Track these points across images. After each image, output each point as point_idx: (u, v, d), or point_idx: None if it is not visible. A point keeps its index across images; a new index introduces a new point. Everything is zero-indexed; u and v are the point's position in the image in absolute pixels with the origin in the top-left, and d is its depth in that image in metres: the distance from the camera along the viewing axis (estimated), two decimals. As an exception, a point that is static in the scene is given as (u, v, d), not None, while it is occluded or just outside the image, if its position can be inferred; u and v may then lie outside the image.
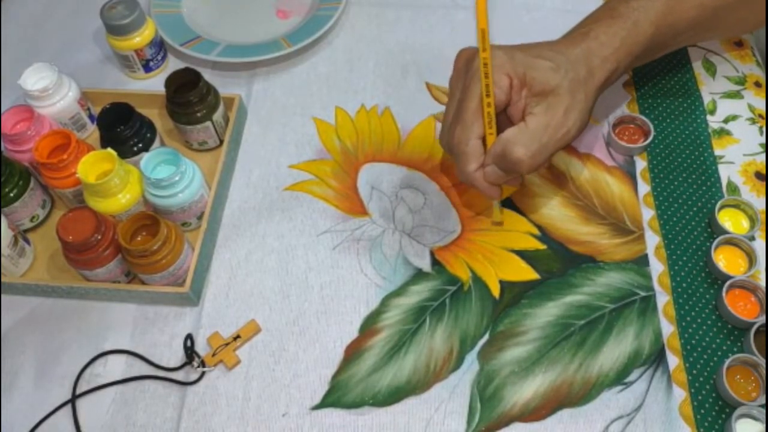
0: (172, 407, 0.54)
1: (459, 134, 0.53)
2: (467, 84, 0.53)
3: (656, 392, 0.52)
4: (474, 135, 0.53)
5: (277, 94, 0.71)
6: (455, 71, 0.56)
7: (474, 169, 0.54)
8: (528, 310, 0.56)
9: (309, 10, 0.77)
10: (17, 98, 0.68)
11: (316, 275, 0.59)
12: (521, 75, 0.52)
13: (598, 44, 0.55)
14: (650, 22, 0.56)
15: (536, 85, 0.52)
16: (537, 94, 0.52)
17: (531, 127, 0.52)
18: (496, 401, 0.53)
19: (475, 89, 0.52)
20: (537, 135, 0.51)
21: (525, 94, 0.53)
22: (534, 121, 0.52)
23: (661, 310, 0.56)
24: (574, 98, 0.52)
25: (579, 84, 0.53)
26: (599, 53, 0.55)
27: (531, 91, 0.52)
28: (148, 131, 0.63)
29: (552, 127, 0.52)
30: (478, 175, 0.54)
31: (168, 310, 0.58)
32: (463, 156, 0.54)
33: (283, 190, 0.64)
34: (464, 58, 0.55)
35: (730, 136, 0.65)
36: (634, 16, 0.56)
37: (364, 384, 0.54)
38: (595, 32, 0.55)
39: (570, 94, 0.52)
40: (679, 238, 0.59)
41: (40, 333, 0.58)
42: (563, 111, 0.52)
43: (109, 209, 0.57)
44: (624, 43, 0.55)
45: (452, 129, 0.54)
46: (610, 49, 0.55)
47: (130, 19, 0.67)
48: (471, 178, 0.54)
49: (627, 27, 0.56)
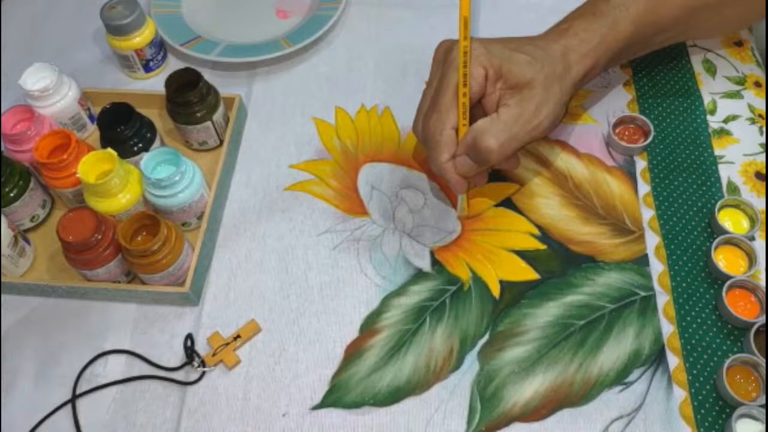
0: (172, 407, 0.54)
1: (434, 123, 0.53)
2: (444, 73, 0.53)
3: (656, 392, 0.52)
4: (448, 125, 0.53)
5: (277, 94, 0.71)
6: (434, 61, 0.56)
7: (446, 160, 0.54)
8: (528, 310, 0.56)
9: (309, 10, 0.77)
10: (17, 98, 0.68)
11: (316, 275, 0.59)
12: (497, 67, 0.52)
13: (577, 41, 0.55)
14: (630, 20, 0.57)
15: (511, 77, 0.52)
16: (512, 86, 0.53)
17: (503, 118, 0.52)
18: (496, 401, 0.52)
19: (452, 79, 0.52)
20: (508, 126, 0.52)
21: (500, 86, 0.53)
22: (506, 113, 0.52)
23: (661, 310, 0.56)
24: (548, 92, 0.52)
25: (554, 78, 0.53)
26: (578, 50, 0.55)
27: (506, 83, 0.53)
28: (148, 131, 0.63)
29: (524, 119, 0.52)
30: (449, 166, 0.54)
31: (168, 310, 0.58)
32: (436, 145, 0.54)
33: (283, 190, 0.64)
34: (443, 48, 0.55)
35: (730, 136, 0.65)
36: (614, 14, 0.56)
37: (364, 384, 0.54)
38: (575, 29, 0.56)
39: (544, 87, 0.52)
40: (679, 238, 0.59)
41: (40, 333, 0.58)
42: (536, 104, 0.52)
43: (109, 209, 0.57)
44: (603, 40, 0.56)
45: (427, 118, 0.54)
46: (589, 46, 0.55)
47: (130, 19, 0.67)
48: (442, 169, 0.54)
49: (607, 24, 0.56)
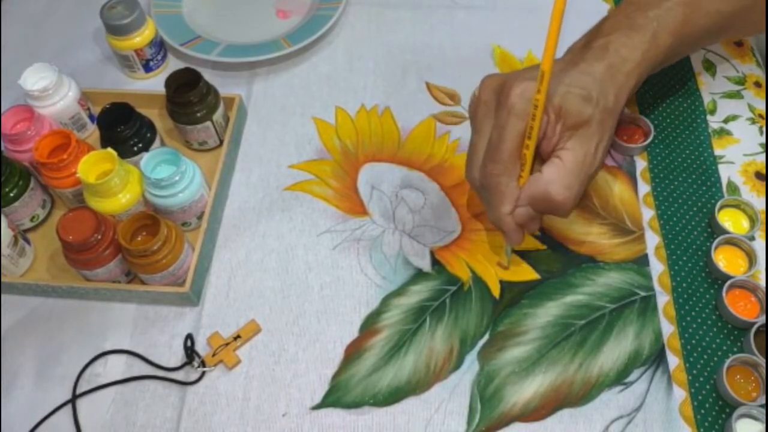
0: (172, 407, 0.54)
1: (498, 175, 0.50)
2: (503, 122, 0.49)
3: (656, 392, 0.52)
4: (513, 176, 0.50)
5: (277, 94, 0.71)
6: (482, 102, 0.52)
7: (508, 212, 0.51)
8: (528, 310, 0.56)
9: (309, 10, 0.77)
10: (17, 98, 0.68)
11: (316, 275, 0.59)
12: (557, 108, 0.49)
13: (619, 59, 0.52)
14: (669, 33, 0.54)
15: (570, 118, 0.49)
16: (570, 127, 0.50)
17: (569, 165, 0.49)
18: (496, 401, 0.52)
19: (514, 129, 0.49)
20: (575, 173, 0.49)
21: (559, 129, 0.50)
22: (571, 158, 0.49)
23: (661, 310, 0.56)
24: (603, 129, 0.50)
25: (608, 112, 0.50)
26: (622, 69, 0.52)
27: (565, 124, 0.50)
28: (148, 131, 0.63)
29: (587, 164, 0.49)
30: (510, 219, 0.52)
31: (168, 310, 0.58)
32: (499, 197, 0.51)
33: (283, 190, 0.64)
34: (492, 88, 0.51)
35: (730, 136, 0.65)
36: (653, 27, 0.53)
37: (364, 384, 0.54)
38: (615, 45, 0.52)
39: (601, 125, 0.50)
40: (679, 238, 0.59)
41: (40, 333, 0.58)
42: (595, 145, 0.50)
43: (109, 209, 0.57)
44: (645, 56, 0.53)
45: (486, 167, 0.51)
46: (633, 64, 0.52)
47: (130, 19, 0.67)
48: (503, 221, 0.52)
49: (647, 39, 0.53)
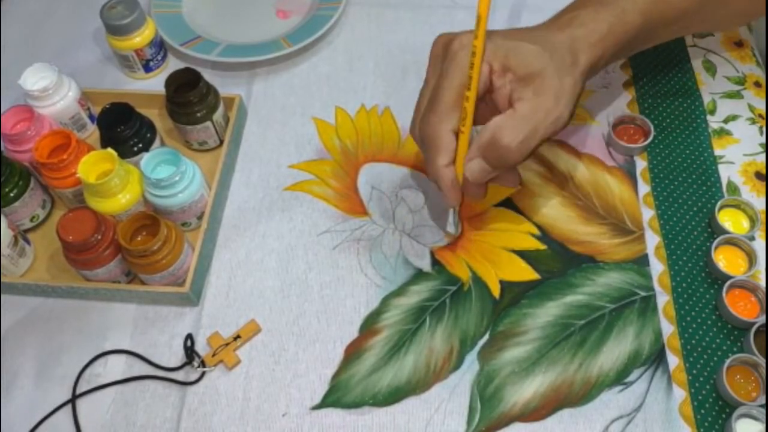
0: (172, 407, 0.54)
1: (433, 125, 0.50)
2: (445, 71, 0.50)
3: (656, 392, 0.52)
4: (449, 127, 0.50)
5: (277, 94, 0.71)
6: (432, 56, 0.53)
7: (444, 164, 0.51)
8: (528, 310, 0.56)
9: (309, 10, 0.77)
10: (17, 98, 0.68)
11: (316, 275, 0.59)
12: (502, 59, 0.49)
13: (584, 31, 0.52)
14: (639, 11, 0.53)
15: (520, 69, 0.49)
16: (522, 78, 0.49)
17: (520, 112, 0.49)
18: (496, 401, 0.52)
19: (454, 77, 0.49)
20: (527, 120, 0.48)
21: (510, 78, 0.50)
22: (523, 106, 0.49)
23: (661, 310, 0.56)
24: (562, 82, 0.49)
25: (565, 70, 0.50)
26: (585, 39, 0.51)
27: (516, 75, 0.49)
28: (148, 131, 0.63)
29: (543, 112, 0.48)
30: (446, 172, 0.51)
31: (168, 310, 0.58)
32: (434, 148, 0.51)
33: (283, 190, 0.64)
34: (441, 43, 0.52)
35: (730, 136, 0.65)
36: (622, 4, 0.53)
37: (364, 384, 0.54)
38: (581, 19, 0.52)
39: (558, 77, 0.49)
40: (679, 238, 0.59)
41: (40, 333, 0.58)
42: (554, 95, 0.49)
43: (109, 209, 0.57)
44: (611, 30, 0.52)
45: (425, 119, 0.51)
46: (597, 36, 0.52)
47: (130, 19, 0.67)
48: (438, 174, 0.51)
49: (615, 14, 0.53)
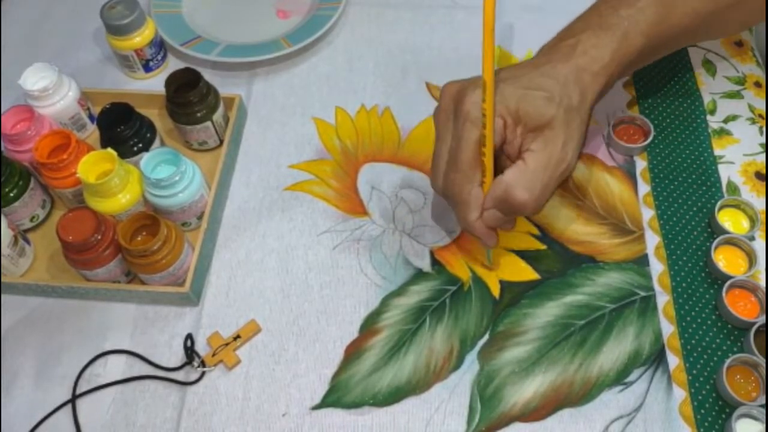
0: (172, 407, 0.54)
1: (459, 183, 0.51)
2: (460, 132, 0.50)
3: (656, 392, 0.52)
4: (475, 183, 0.51)
5: (277, 94, 0.71)
6: (442, 110, 0.52)
7: (475, 218, 0.52)
8: (528, 310, 0.56)
9: (309, 10, 0.77)
10: (17, 98, 0.68)
11: (316, 275, 0.59)
12: (514, 112, 0.50)
13: (587, 59, 0.51)
14: (641, 32, 0.53)
15: (530, 120, 0.49)
16: (533, 129, 0.50)
17: (531, 167, 0.49)
18: (496, 401, 0.52)
19: (470, 137, 0.50)
20: (538, 175, 0.49)
21: (520, 131, 0.50)
22: (533, 160, 0.49)
23: (661, 310, 0.56)
24: (569, 128, 0.50)
25: (573, 112, 0.50)
26: (589, 69, 0.51)
27: (526, 127, 0.50)
28: (148, 131, 0.63)
29: (553, 164, 0.49)
30: (478, 224, 0.52)
31: (168, 310, 0.58)
32: (463, 205, 0.51)
33: (283, 190, 0.64)
34: (450, 96, 0.52)
35: (730, 136, 0.65)
36: (624, 27, 0.52)
37: (364, 384, 0.54)
38: (583, 45, 0.52)
39: (566, 125, 0.49)
40: (679, 238, 0.59)
41: (40, 333, 0.58)
42: (561, 145, 0.49)
43: (109, 209, 0.57)
44: (614, 56, 0.52)
45: (449, 176, 0.51)
46: (600, 64, 0.51)
47: (130, 19, 0.67)
48: (472, 228, 0.52)
49: (617, 39, 0.52)
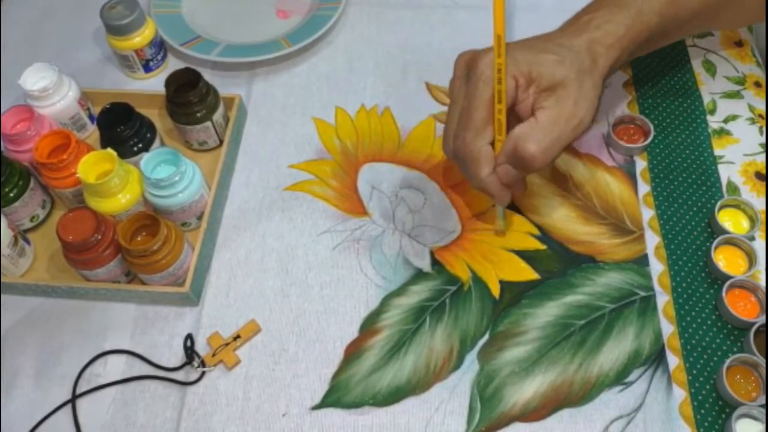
0: (172, 407, 0.54)
1: (470, 142, 0.52)
2: (472, 90, 0.52)
3: (656, 392, 0.52)
4: (486, 140, 0.52)
5: (277, 94, 0.71)
6: (456, 77, 0.54)
7: (488, 174, 0.53)
8: (528, 310, 0.56)
9: (309, 10, 0.77)
10: (17, 98, 0.68)
11: (316, 275, 0.59)
12: (526, 73, 0.51)
13: (601, 33, 0.54)
14: (654, 12, 0.55)
15: (543, 80, 0.51)
16: (545, 89, 0.51)
17: (541, 121, 0.51)
18: (496, 401, 0.53)
19: (483, 95, 0.51)
20: (548, 128, 0.50)
21: (533, 91, 0.52)
22: (544, 115, 0.51)
23: (661, 310, 0.56)
24: (582, 87, 0.51)
25: (585, 73, 0.52)
26: (603, 42, 0.53)
27: (539, 87, 0.51)
28: (148, 131, 0.63)
29: (563, 119, 0.51)
30: (492, 180, 0.53)
31: (168, 310, 0.58)
32: (475, 162, 0.53)
33: (283, 190, 0.64)
34: (464, 62, 0.54)
35: (730, 136, 0.65)
36: (638, 5, 0.55)
37: (364, 384, 0.54)
38: (598, 21, 0.54)
39: (578, 83, 0.51)
40: (679, 238, 0.59)
41: (40, 333, 0.58)
42: (573, 102, 0.51)
43: (109, 209, 0.57)
44: (628, 32, 0.54)
45: (460, 136, 0.53)
46: (614, 38, 0.54)
47: (130, 19, 0.67)
48: (485, 184, 0.53)
49: (631, 15, 0.54)
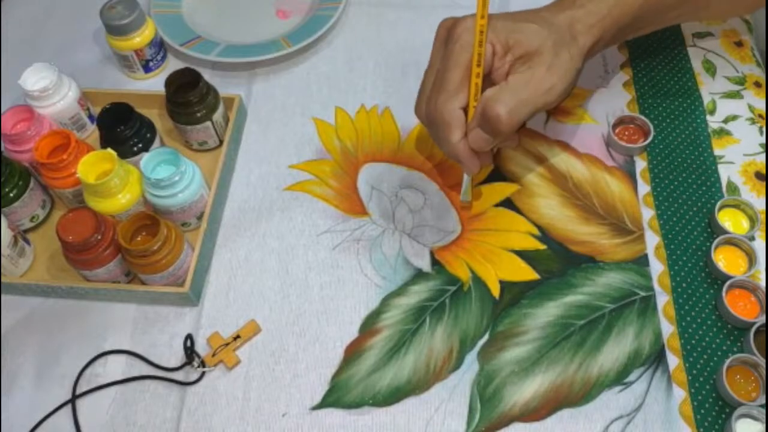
0: (172, 407, 0.54)
1: (442, 104, 0.52)
2: (449, 52, 0.52)
3: (656, 392, 0.52)
4: (458, 104, 0.52)
5: (277, 94, 0.71)
6: (437, 41, 0.55)
7: (458, 139, 0.53)
8: (528, 310, 0.56)
9: (309, 10, 0.77)
10: (17, 98, 0.68)
11: (316, 275, 0.59)
12: (503, 41, 0.52)
13: (583, 12, 0.54)
14: None
15: (519, 47, 0.51)
16: (521, 56, 0.52)
17: (511, 83, 0.51)
18: (496, 401, 0.53)
19: (458, 58, 0.51)
20: (517, 90, 0.51)
21: (509, 59, 0.52)
22: (514, 78, 0.51)
23: (661, 310, 0.56)
24: (557, 56, 0.51)
25: (562, 45, 0.52)
26: (584, 21, 0.54)
27: (514, 54, 0.52)
28: (148, 131, 0.63)
29: (534, 82, 0.51)
30: (461, 146, 0.53)
31: (168, 310, 0.58)
32: (446, 126, 0.52)
33: (283, 190, 0.64)
34: (445, 27, 0.54)
35: (730, 136, 0.65)
36: None
37: (364, 384, 0.54)
38: (581, 1, 0.54)
39: (554, 52, 0.51)
40: (679, 238, 0.59)
41: (40, 333, 0.58)
42: (546, 67, 0.51)
43: (109, 209, 0.57)
44: (610, 13, 0.54)
45: (432, 99, 0.53)
46: (596, 18, 0.54)
47: (130, 19, 0.67)
48: (454, 149, 0.53)
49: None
